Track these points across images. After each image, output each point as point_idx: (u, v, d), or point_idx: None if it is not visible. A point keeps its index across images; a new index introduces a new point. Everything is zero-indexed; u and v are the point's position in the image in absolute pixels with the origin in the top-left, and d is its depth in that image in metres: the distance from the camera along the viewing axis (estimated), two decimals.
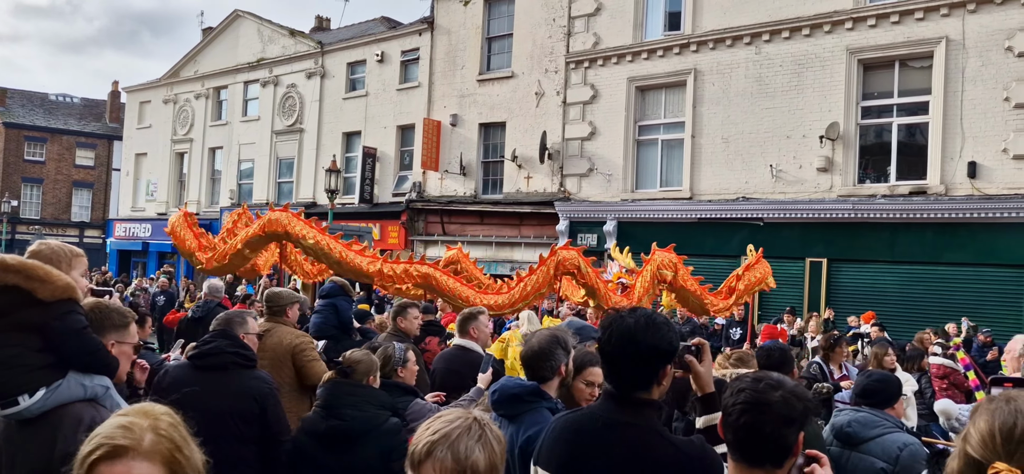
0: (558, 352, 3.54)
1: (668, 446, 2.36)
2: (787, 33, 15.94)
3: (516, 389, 3.39)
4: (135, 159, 33.69)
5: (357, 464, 3.81)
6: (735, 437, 2.04)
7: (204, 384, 4.07)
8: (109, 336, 3.18)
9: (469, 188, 21.42)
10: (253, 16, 29.26)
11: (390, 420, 3.94)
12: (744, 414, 2.01)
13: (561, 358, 3.53)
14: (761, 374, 2.13)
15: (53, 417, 2.86)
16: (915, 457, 3.76)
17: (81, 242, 37.04)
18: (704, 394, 2.68)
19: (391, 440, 3.82)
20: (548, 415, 3.22)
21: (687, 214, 17.01)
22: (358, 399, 3.90)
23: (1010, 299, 13.54)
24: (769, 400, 2.00)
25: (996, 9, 13.77)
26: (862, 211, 14.82)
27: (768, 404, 1.99)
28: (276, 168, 27.44)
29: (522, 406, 3.32)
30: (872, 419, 3.99)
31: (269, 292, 6.07)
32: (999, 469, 1.56)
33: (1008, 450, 1.58)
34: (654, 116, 18.30)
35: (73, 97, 45.00)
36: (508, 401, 3.35)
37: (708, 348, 2.67)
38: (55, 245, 3.40)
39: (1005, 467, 1.55)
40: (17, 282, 2.92)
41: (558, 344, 3.57)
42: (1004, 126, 13.60)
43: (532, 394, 3.37)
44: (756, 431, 1.99)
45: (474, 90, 21.51)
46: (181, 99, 31.51)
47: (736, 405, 2.03)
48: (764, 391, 2.02)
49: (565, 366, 3.54)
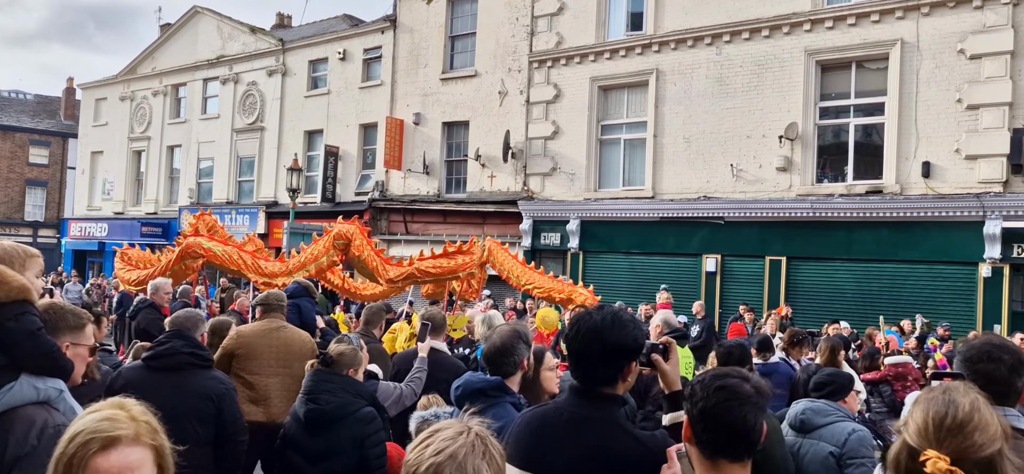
0: (520, 347, 3.56)
1: (631, 439, 2.39)
2: (747, 34, 16.13)
3: (480, 384, 3.44)
4: (91, 157, 33.02)
5: (333, 446, 4.16)
6: (706, 430, 2.08)
7: (159, 385, 4.01)
8: (64, 337, 3.10)
9: (432, 187, 21.34)
10: (213, 12, 28.83)
11: (364, 409, 4.25)
12: (716, 406, 2.06)
13: (523, 352, 3.56)
14: (725, 370, 2.19)
15: (4, 420, 2.78)
16: (862, 442, 3.97)
17: (35, 242, 36.16)
18: (671, 392, 2.71)
19: (364, 427, 4.18)
20: (511, 410, 3.27)
21: (649, 213, 17.13)
22: (335, 386, 4.22)
23: (963, 296, 13.86)
24: (740, 393, 2.07)
25: (949, 13, 14.08)
26: (820, 210, 15.06)
27: (739, 397, 2.06)
28: (236, 167, 27.07)
29: (485, 401, 3.35)
30: (825, 409, 4.20)
31: (268, 293, 6.19)
32: (929, 456, 1.63)
33: (939, 437, 1.66)
34: (617, 116, 18.40)
35: (26, 94, 43.89)
36: (471, 395, 3.39)
37: (675, 347, 2.69)
38: (8, 246, 3.32)
39: (934, 454, 1.63)
40: None
41: (520, 338, 3.59)
42: (957, 127, 13.91)
43: (495, 389, 3.42)
44: (727, 423, 2.05)
45: (437, 89, 21.43)
46: (138, 96, 30.93)
47: (706, 399, 2.08)
48: (735, 385, 2.09)
49: (527, 360, 3.56)
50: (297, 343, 5.74)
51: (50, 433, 2.70)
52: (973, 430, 1.66)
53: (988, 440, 1.65)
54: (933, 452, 1.63)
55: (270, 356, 5.58)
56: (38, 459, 2.63)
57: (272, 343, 5.62)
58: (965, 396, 1.73)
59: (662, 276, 16.52)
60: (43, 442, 2.69)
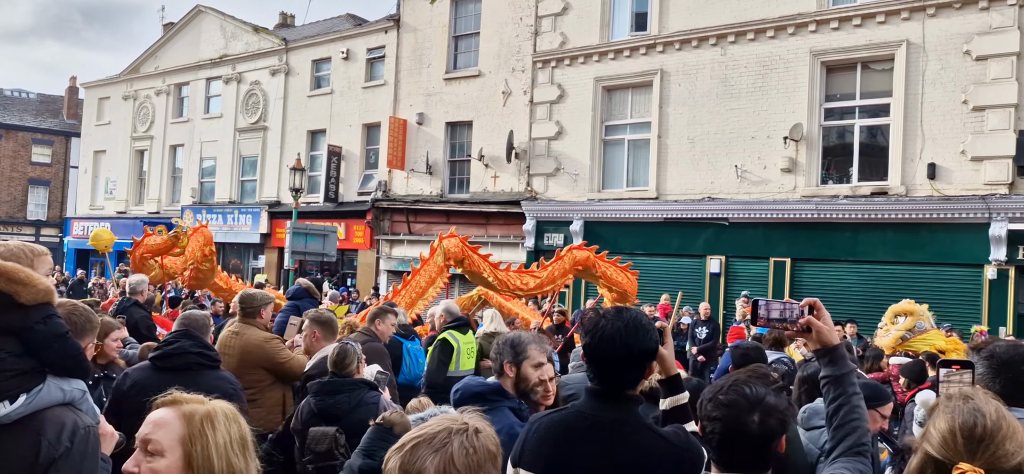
0: (506, 351, 3.61)
1: (658, 438, 2.42)
2: (752, 35, 16.10)
3: (479, 388, 3.49)
4: (93, 156, 33.04)
5: None
6: (716, 448, 2.05)
7: (167, 386, 3.98)
8: (87, 339, 3.12)
9: (435, 187, 21.32)
10: (216, 12, 28.83)
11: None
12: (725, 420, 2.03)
13: (506, 356, 3.59)
14: (737, 379, 2.14)
15: (33, 422, 2.80)
16: None
17: (37, 241, 36.18)
18: (668, 377, 2.76)
19: None
20: (509, 414, 3.34)
21: (653, 214, 17.09)
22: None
23: (969, 297, 13.81)
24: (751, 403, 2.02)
25: (955, 14, 14.04)
26: (825, 211, 15.02)
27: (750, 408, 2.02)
28: (239, 166, 27.07)
29: (484, 404, 3.35)
30: (821, 409, 4.14)
31: (243, 294, 6.05)
32: (964, 470, 1.58)
33: (970, 450, 1.60)
34: (620, 116, 18.37)
35: (29, 92, 43.91)
36: (470, 399, 3.42)
37: (669, 331, 2.73)
38: (16, 245, 3.34)
39: (969, 468, 1.57)
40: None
41: (508, 345, 3.63)
42: (962, 128, 13.87)
43: (494, 393, 3.46)
44: (741, 439, 2.01)
45: (441, 89, 21.40)
46: (141, 95, 30.94)
47: (718, 416, 2.05)
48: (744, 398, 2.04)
49: (509, 365, 3.57)
50: (251, 346, 5.57)
51: (81, 434, 2.76)
52: (1003, 439, 1.60)
53: (1017, 447, 1.60)
54: (967, 465, 1.58)
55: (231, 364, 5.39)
56: (72, 461, 2.70)
57: (231, 349, 5.56)
58: (988, 404, 1.67)
59: (666, 277, 16.50)
60: (76, 444, 2.74)
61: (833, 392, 2.36)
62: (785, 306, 2.43)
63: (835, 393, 2.35)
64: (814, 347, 2.43)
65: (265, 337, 5.65)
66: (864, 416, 2.32)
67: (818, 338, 2.41)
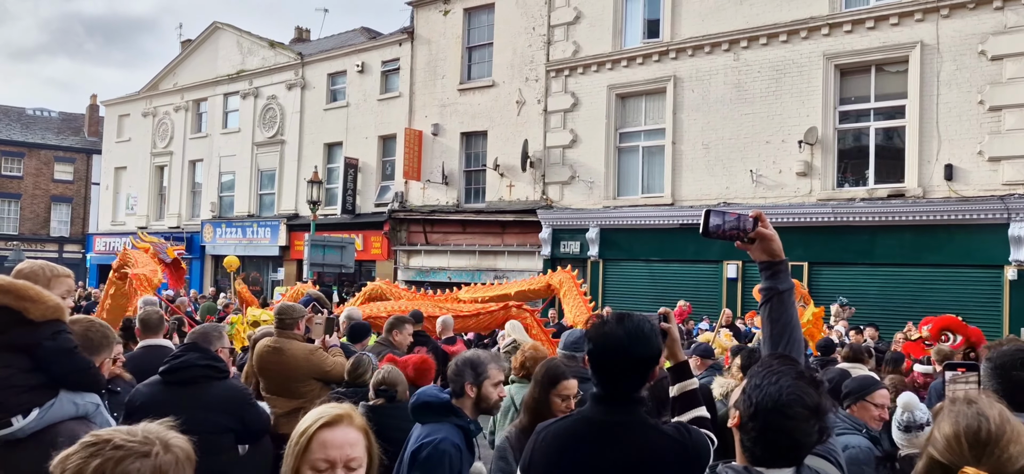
0: (466, 372, 3.65)
1: (664, 437, 2.48)
2: (765, 40, 16.07)
3: (428, 399, 3.59)
4: (114, 173, 33.43)
5: None
6: (757, 443, 1.95)
7: (177, 399, 4.04)
8: (103, 355, 3.19)
9: (451, 197, 21.41)
10: (232, 28, 29.14)
11: None
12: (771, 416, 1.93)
13: (466, 377, 3.63)
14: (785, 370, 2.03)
15: (46, 436, 2.84)
16: (853, 461, 3.74)
17: (60, 257, 36.65)
18: (676, 363, 2.81)
19: None
20: (451, 429, 3.44)
21: (669, 220, 17.07)
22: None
23: (988, 299, 13.68)
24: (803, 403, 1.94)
25: (969, 14, 13.95)
26: (841, 215, 14.95)
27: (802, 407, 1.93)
28: (257, 180, 27.31)
29: (429, 415, 3.53)
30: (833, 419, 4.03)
31: (282, 306, 6.15)
32: (970, 473, 1.58)
33: (975, 454, 1.61)
34: (635, 123, 18.38)
35: (51, 111, 44.56)
36: (418, 409, 3.58)
37: (673, 315, 2.81)
38: (36, 265, 3.42)
39: (974, 471, 1.57)
40: (8, 302, 2.93)
41: (468, 365, 3.68)
42: (979, 129, 13.77)
43: (443, 406, 3.54)
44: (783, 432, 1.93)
45: (455, 99, 21.51)
46: (160, 112, 31.30)
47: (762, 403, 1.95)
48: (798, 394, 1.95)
49: (470, 386, 3.61)
50: (298, 361, 5.80)
51: None
52: (1008, 442, 1.61)
53: (1021, 450, 1.60)
54: (972, 470, 1.58)
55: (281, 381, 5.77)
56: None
57: (279, 367, 5.81)
58: (992, 407, 1.67)
59: (682, 283, 16.47)
60: None
61: (775, 304, 2.41)
62: (740, 218, 2.43)
63: (776, 304, 2.40)
64: (759, 259, 2.48)
65: (309, 350, 5.80)
66: (798, 326, 2.40)
67: (768, 249, 2.44)
